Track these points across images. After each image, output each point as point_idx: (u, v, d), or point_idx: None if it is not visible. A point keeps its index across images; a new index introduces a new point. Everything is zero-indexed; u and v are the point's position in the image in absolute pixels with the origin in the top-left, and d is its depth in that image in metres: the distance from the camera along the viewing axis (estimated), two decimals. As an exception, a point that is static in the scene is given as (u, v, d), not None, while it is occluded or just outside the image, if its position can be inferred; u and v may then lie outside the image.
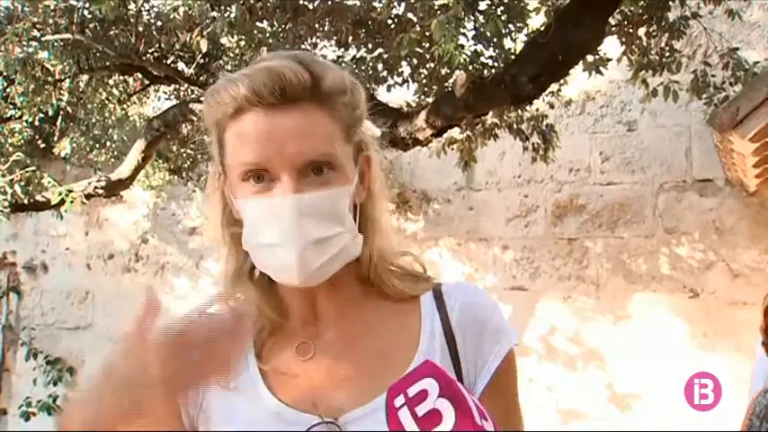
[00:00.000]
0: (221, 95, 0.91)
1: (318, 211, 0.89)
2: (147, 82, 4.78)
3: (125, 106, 5.21)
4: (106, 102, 4.97)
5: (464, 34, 3.17)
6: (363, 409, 0.91)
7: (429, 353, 0.95)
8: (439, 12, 2.91)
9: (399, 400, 0.79)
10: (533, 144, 4.21)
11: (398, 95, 4.11)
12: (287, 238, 0.88)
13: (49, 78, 4.20)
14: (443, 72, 3.68)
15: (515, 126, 4.16)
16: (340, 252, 0.91)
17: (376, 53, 3.84)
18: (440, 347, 0.96)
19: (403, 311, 0.99)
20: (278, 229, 0.88)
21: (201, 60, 4.20)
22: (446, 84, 3.77)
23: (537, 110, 4.18)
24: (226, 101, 0.90)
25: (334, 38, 3.75)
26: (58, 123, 5.05)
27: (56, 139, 5.29)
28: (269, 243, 0.89)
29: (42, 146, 5.53)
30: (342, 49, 3.93)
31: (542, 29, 3.33)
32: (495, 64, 3.59)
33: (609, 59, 3.72)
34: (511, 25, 3.48)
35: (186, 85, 4.67)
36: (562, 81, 4.01)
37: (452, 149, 4.32)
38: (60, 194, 4.61)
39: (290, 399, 0.94)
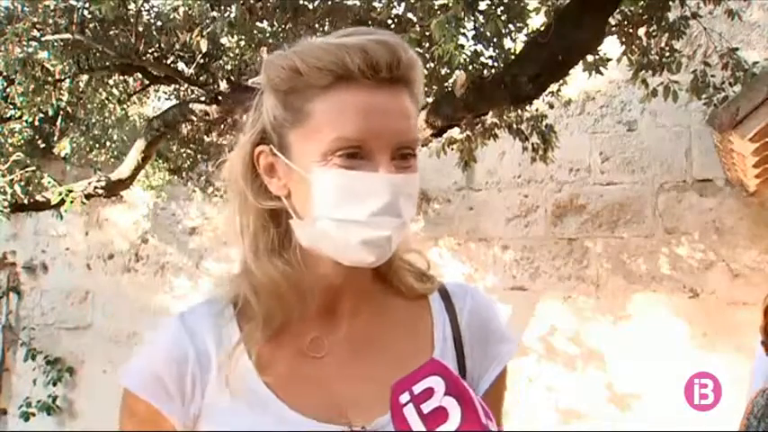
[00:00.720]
0: (320, 60, 0.85)
1: (408, 193, 0.87)
2: (147, 82, 4.78)
3: (125, 106, 5.20)
4: (106, 102, 4.97)
5: (464, 34, 3.16)
6: (388, 417, 0.86)
7: (443, 357, 0.93)
8: (439, 12, 2.91)
9: (405, 397, 0.78)
10: (533, 144, 4.21)
11: (398, 95, 4.11)
12: (384, 216, 0.85)
13: (49, 78, 4.20)
14: (443, 72, 3.68)
15: (515, 126, 4.16)
16: (401, 237, 0.90)
17: (376, 53, 3.82)
18: (451, 351, 0.95)
19: (415, 311, 0.98)
20: (374, 207, 0.84)
21: (201, 60, 4.20)
22: (446, 84, 3.76)
23: (537, 110, 4.17)
24: (328, 67, 0.84)
25: (334, 38, 3.74)
26: (58, 123, 5.04)
27: (56, 139, 5.28)
28: (356, 219, 0.85)
29: (42, 146, 5.53)
30: (342, 49, 3.92)
31: (542, 29, 3.33)
32: (495, 64, 3.59)
33: (609, 59, 3.72)
34: (511, 25, 3.48)
35: (186, 85, 4.67)
36: (562, 81, 4.01)
37: (452, 149, 4.31)
38: (60, 194, 4.61)
39: (301, 403, 0.89)
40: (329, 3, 3.63)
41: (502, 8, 3.33)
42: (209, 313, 0.94)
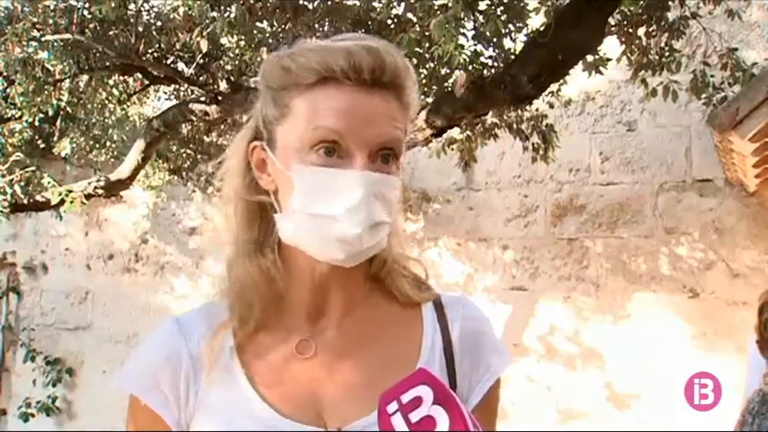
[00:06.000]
0: (308, 60, 0.88)
1: (383, 194, 0.89)
2: (147, 82, 4.78)
3: (125, 106, 5.21)
4: (106, 102, 4.97)
5: (464, 34, 3.16)
6: (367, 420, 0.89)
7: (430, 367, 0.93)
8: (438, 12, 2.90)
9: (392, 407, 0.79)
10: (533, 144, 4.21)
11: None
12: (356, 213, 0.86)
13: (49, 78, 4.20)
14: (443, 72, 3.68)
15: (515, 126, 4.16)
16: (380, 242, 0.90)
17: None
18: (438, 361, 0.95)
19: (406, 319, 0.98)
20: (346, 203, 0.86)
21: (201, 60, 4.20)
22: (446, 84, 3.76)
23: (537, 110, 4.18)
24: (313, 67, 0.88)
25: (334, 38, 3.73)
26: (58, 123, 5.05)
27: (56, 139, 5.29)
28: (329, 214, 0.87)
29: (42, 146, 5.53)
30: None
31: (542, 29, 3.33)
32: (495, 64, 3.59)
33: (609, 59, 3.72)
34: (511, 25, 3.48)
35: (186, 86, 4.67)
36: (562, 81, 4.01)
37: (452, 149, 4.32)
38: (60, 194, 4.61)
39: (283, 402, 0.91)
40: (329, 3, 3.63)
41: (502, 8, 3.33)
42: (205, 317, 0.97)
